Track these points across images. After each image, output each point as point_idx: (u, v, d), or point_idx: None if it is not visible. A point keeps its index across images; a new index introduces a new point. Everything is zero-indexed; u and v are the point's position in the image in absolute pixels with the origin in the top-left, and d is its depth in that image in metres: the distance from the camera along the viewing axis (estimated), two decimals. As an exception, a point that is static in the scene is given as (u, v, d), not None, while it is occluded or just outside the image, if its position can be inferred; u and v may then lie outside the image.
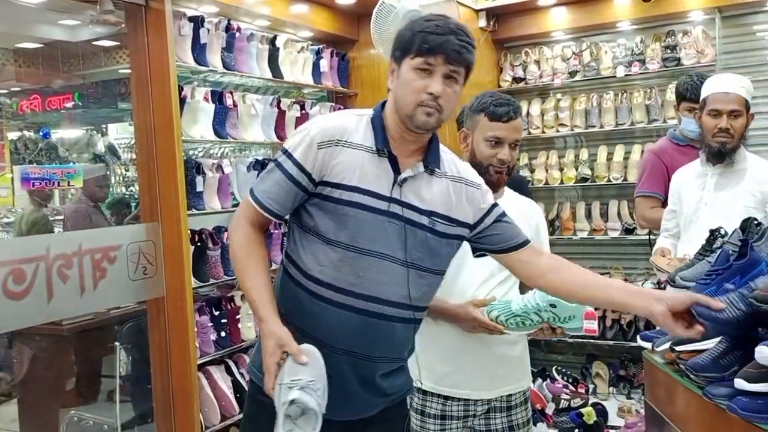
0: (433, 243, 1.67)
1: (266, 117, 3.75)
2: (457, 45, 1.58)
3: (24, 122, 8.83)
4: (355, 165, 1.62)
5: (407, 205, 1.64)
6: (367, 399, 1.72)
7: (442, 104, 1.59)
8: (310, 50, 4.11)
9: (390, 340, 1.69)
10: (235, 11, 3.58)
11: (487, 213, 1.75)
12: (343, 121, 1.67)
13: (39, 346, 3.59)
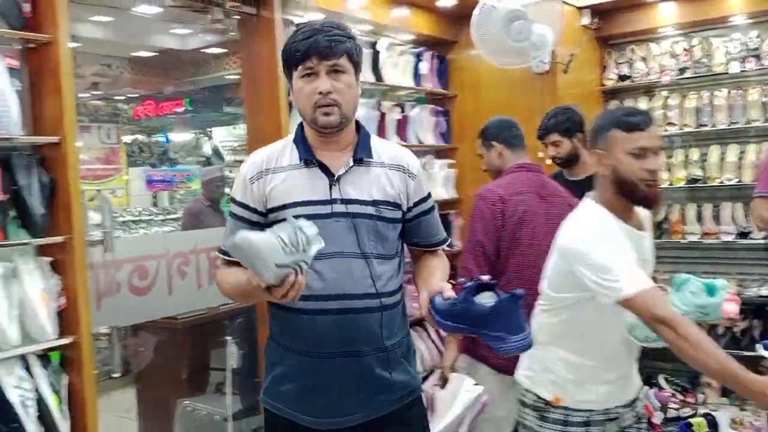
0: (381, 229, 1.74)
1: (367, 120, 3.81)
2: (326, 41, 1.64)
3: (137, 126, 9.40)
4: (288, 184, 1.73)
5: (350, 201, 1.71)
6: (374, 398, 1.76)
7: (336, 98, 1.67)
8: (411, 53, 4.15)
9: (368, 332, 1.73)
10: (338, 17, 3.66)
11: (419, 202, 1.83)
12: (267, 152, 1.80)
13: (156, 338, 3.80)
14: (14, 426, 2.16)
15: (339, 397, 1.74)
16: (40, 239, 2.26)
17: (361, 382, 1.75)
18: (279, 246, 1.43)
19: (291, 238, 1.45)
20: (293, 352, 1.77)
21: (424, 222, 1.85)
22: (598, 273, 1.80)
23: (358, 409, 1.76)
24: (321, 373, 1.74)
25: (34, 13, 2.29)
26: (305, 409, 1.77)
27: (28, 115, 2.34)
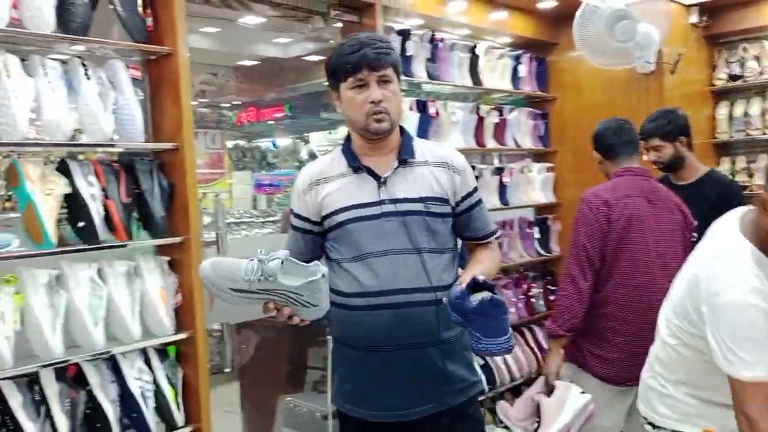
0: (432, 224, 1.83)
1: (465, 124, 3.82)
2: (374, 53, 1.76)
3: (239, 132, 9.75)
4: (339, 191, 1.86)
5: (398, 200, 1.81)
6: (435, 390, 1.84)
7: (386, 107, 1.79)
8: (509, 56, 4.12)
9: (425, 325, 1.81)
10: (437, 22, 3.69)
11: (466, 197, 1.91)
12: (318, 164, 1.95)
13: (259, 336, 3.94)
14: (135, 416, 2.30)
15: (402, 389, 1.83)
16: (160, 240, 2.40)
17: (422, 374, 1.82)
18: (240, 273, 1.58)
19: (249, 267, 1.57)
20: (355, 348, 1.87)
21: (473, 215, 1.92)
22: (727, 341, 1.63)
23: (422, 402, 1.83)
24: (383, 367, 1.83)
25: (155, 26, 2.44)
26: (371, 404, 1.86)
27: (148, 122, 2.49)
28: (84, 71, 2.22)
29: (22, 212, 2.11)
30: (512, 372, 3.92)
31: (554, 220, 4.35)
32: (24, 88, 2.07)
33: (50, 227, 2.09)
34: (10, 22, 2.06)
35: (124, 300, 2.28)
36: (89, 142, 2.25)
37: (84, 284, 2.19)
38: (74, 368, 2.22)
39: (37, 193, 2.09)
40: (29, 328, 2.08)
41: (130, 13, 2.33)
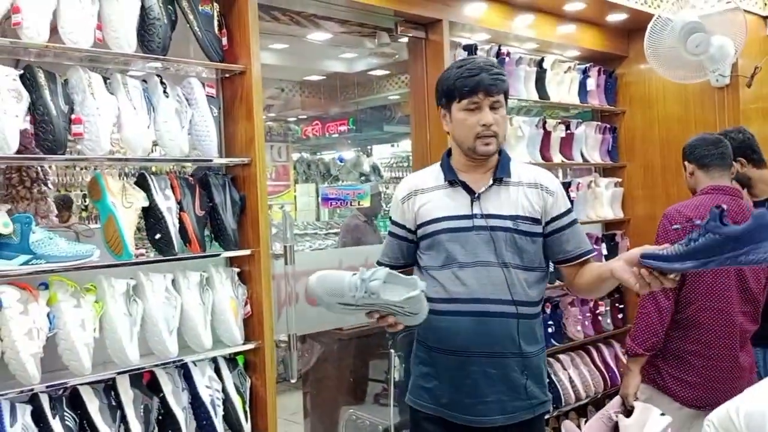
0: (519, 242, 1.89)
1: (531, 138, 3.79)
2: (491, 79, 1.86)
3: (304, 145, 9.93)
4: (435, 202, 1.96)
5: (490, 216, 1.90)
6: (511, 401, 1.90)
7: (496, 130, 1.89)
8: (577, 69, 4.07)
9: (505, 336, 1.89)
10: (504, 37, 3.69)
11: (557, 218, 1.95)
12: (418, 176, 2.08)
13: (323, 347, 3.99)
14: (204, 423, 2.37)
15: (480, 396, 1.91)
16: (231, 252, 2.47)
17: (499, 384, 1.90)
18: (345, 289, 1.70)
19: (352, 284, 1.69)
20: (438, 351, 1.97)
21: (565, 235, 1.96)
22: None
23: (497, 411, 1.91)
24: (463, 371, 1.92)
25: (230, 45, 2.52)
26: (451, 405, 1.94)
27: (221, 138, 2.58)
28: (162, 89, 2.32)
29: (103, 224, 2.21)
30: (578, 391, 3.84)
31: (623, 237, 4.25)
32: (107, 106, 2.17)
33: (129, 239, 2.17)
34: (95, 43, 2.17)
35: (196, 310, 2.35)
36: (167, 157, 2.34)
37: (159, 294, 2.27)
38: (148, 375, 2.30)
39: (118, 206, 2.19)
40: (107, 335, 2.17)
41: (206, 33, 2.41)
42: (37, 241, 2.03)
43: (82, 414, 2.13)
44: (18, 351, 1.95)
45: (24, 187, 3.61)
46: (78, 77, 2.15)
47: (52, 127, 2.05)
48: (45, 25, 2.05)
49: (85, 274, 2.17)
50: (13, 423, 2.00)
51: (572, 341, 3.91)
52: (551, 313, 3.81)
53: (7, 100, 1.98)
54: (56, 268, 2.05)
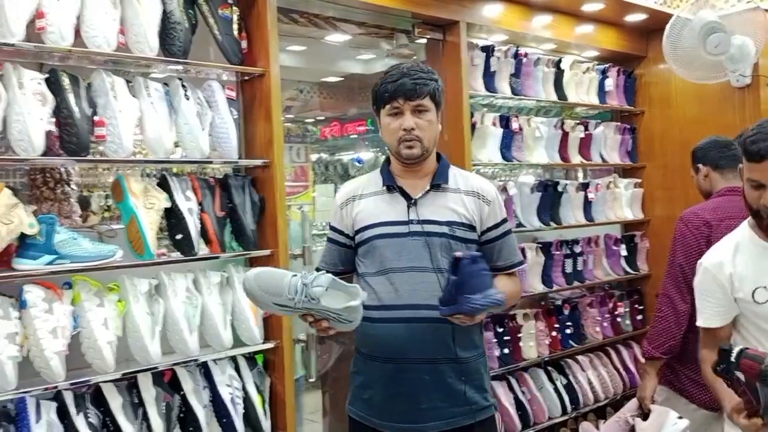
0: (455, 247, 1.87)
1: (550, 139, 3.78)
2: (411, 84, 1.86)
3: (322, 146, 9.96)
4: (372, 207, 1.95)
5: (425, 221, 1.90)
6: (447, 408, 1.88)
7: (418, 135, 1.88)
8: (596, 70, 4.06)
9: (439, 341, 1.87)
10: (522, 37, 3.69)
11: (491, 228, 1.95)
12: (357, 182, 2.06)
13: (339, 347, 4.00)
14: (225, 421, 2.40)
15: (415, 403, 1.89)
16: (251, 252, 2.50)
17: (435, 390, 1.88)
18: (283, 290, 1.68)
19: (293, 286, 1.68)
20: (373, 359, 1.95)
21: (498, 245, 1.97)
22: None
23: (433, 418, 1.88)
24: (398, 379, 1.90)
25: (249, 48, 2.55)
26: (385, 415, 1.92)
27: (241, 139, 2.61)
28: (184, 92, 2.35)
29: (125, 225, 2.25)
30: (596, 393, 3.83)
31: (642, 238, 4.23)
32: (129, 108, 2.21)
33: (151, 239, 2.21)
34: (118, 47, 2.21)
35: (216, 309, 2.38)
36: (188, 159, 2.38)
37: (180, 293, 2.31)
38: (170, 373, 2.34)
39: (140, 207, 2.22)
40: (130, 334, 2.21)
41: (226, 37, 2.45)
42: (61, 241, 2.07)
43: (105, 411, 2.17)
44: (43, 349, 1.99)
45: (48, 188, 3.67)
46: (101, 80, 2.19)
47: (76, 129, 2.09)
48: (69, 30, 2.10)
49: (108, 274, 2.21)
50: (38, 420, 2.05)
51: (591, 342, 3.90)
52: (570, 314, 3.80)
53: (33, 103, 2.02)
54: (80, 267, 2.10)
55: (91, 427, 2.11)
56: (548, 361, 3.72)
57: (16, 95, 2.01)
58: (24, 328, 2.01)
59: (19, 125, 2.00)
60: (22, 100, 2.01)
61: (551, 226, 3.69)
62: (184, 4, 2.36)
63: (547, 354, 3.64)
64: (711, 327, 1.95)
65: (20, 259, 2.05)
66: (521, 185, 3.64)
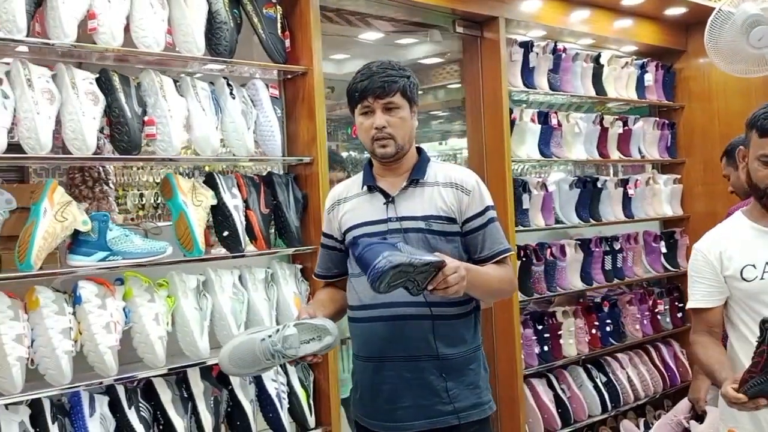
0: (432, 241, 1.84)
1: (589, 135, 3.76)
2: (379, 82, 1.82)
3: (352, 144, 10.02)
4: (354, 209, 1.94)
5: (403, 218, 1.86)
6: (430, 406, 1.83)
7: (391, 132, 1.83)
8: (635, 65, 4.02)
9: (419, 339, 1.83)
10: (560, 33, 3.67)
11: (472, 218, 1.88)
12: (341, 186, 2.04)
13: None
14: (271, 416, 2.43)
15: (397, 401, 1.85)
16: (295, 249, 2.52)
17: (417, 388, 1.84)
18: (259, 358, 1.70)
19: (266, 350, 1.69)
20: (360, 359, 1.94)
21: (482, 234, 1.90)
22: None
23: (417, 416, 1.84)
24: (380, 377, 1.87)
25: (292, 47, 2.58)
26: (373, 414, 1.90)
27: (284, 137, 2.63)
28: (229, 91, 2.38)
29: (174, 221, 2.28)
30: (636, 391, 3.80)
31: (682, 234, 4.18)
32: (178, 108, 2.25)
33: (200, 236, 2.24)
34: (166, 47, 2.25)
35: (262, 305, 2.41)
36: (234, 157, 2.41)
37: (227, 289, 2.34)
38: (217, 368, 2.36)
39: (189, 205, 2.26)
40: (179, 329, 2.24)
41: (270, 36, 2.47)
42: (114, 238, 2.11)
43: (155, 405, 2.21)
44: (97, 344, 2.04)
45: (86, 186, 3.74)
46: (150, 80, 2.23)
47: (128, 129, 2.13)
48: (119, 30, 2.14)
49: (158, 270, 2.25)
50: (92, 413, 2.09)
51: (630, 340, 3.86)
52: (609, 311, 3.77)
53: (85, 103, 2.07)
54: (132, 264, 2.14)
55: (143, 421, 2.15)
56: (588, 358, 3.69)
57: (69, 95, 2.05)
58: (78, 324, 2.05)
59: (72, 124, 2.04)
60: (75, 100, 2.05)
61: (590, 223, 3.66)
62: (229, 4, 2.39)
63: (586, 351, 3.61)
64: (701, 308, 1.95)
65: (74, 255, 2.09)
66: (560, 182, 3.62)
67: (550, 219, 3.53)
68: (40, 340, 1.97)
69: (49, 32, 2.05)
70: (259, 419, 2.42)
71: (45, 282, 2.05)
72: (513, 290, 2.04)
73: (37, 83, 2.00)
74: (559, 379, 3.54)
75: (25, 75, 1.99)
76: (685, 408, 2.50)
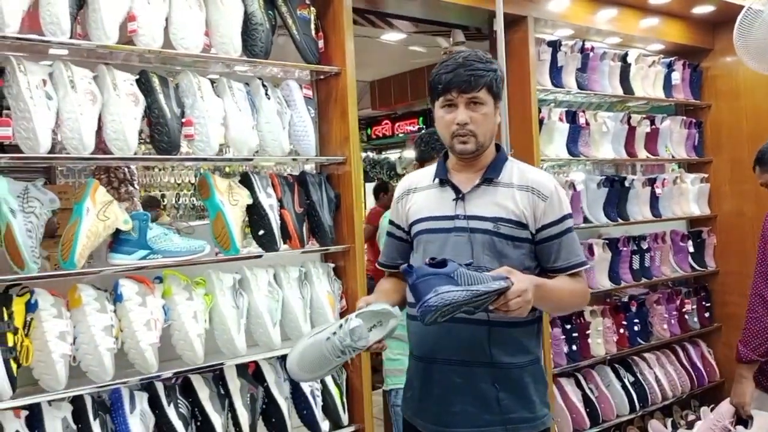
0: (499, 245, 1.75)
1: (616, 134, 3.75)
2: (465, 75, 1.73)
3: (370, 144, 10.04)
4: (423, 201, 1.88)
5: (471, 217, 1.78)
6: (479, 414, 1.75)
7: (472, 129, 1.75)
8: (662, 63, 4.00)
9: (472, 343, 1.74)
10: (587, 32, 3.65)
11: (547, 226, 1.77)
12: (414, 175, 1.98)
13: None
14: (305, 413, 2.45)
15: (446, 404, 1.78)
16: (329, 248, 2.54)
17: (466, 394, 1.76)
18: (329, 357, 1.65)
19: (335, 348, 1.63)
20: (414, 357, 1.89)
21: (557, 245, 1.78)
22: None
23: (464, 423, 1.76)
24: (430, 379, 1.81)
25: (326, 48, 2.60)
26: (421, 414, 1.84)
27: (317, 137, 2.65)
28: (264, 91, 2.41)
29: (211, 220, 2.31)
30: (664, 391, 3.78)
31: (710, 234, 4.16)
32: (215, 108, 2.27)
33: (237, 234, 2.27)
34: (203, 48, 2.28)
35: (296, 303, 2.43)
36: (270, 157, 2.43)
37: (263, 288, 2.36)
38: (253, 366, 2.39)
39: (226, 204, 2.28)
40: (216, 327, 2.27)
41: (304, 37, 2.49)
42: (154, 236, 2.14)
43: (193, 402, 2.24)
44: (138, 341, 2.07)
45: (112, 187, 3.78)
46: (188, 81, 2.26)
47: (167, 129, 2.16)
48: (159, 32, 2.17)
49: (195, 269, 2.28)
50: (132, 410, 2.12)
51: (658, 340, 3.85)
52: (637, 311, 3.76)
53: (126, 104, 2.10)
54: (170, 263, 2.17)
55: (181, 417, 2.18)
56: (615, 358, 3.68)
57: (110, 96, 2.09)
58: (119, 321, 2.08)
59: (114, 125, 2.07)
60: (116, 100, 2.08)
61: (618, 222, 3.65)
62: (264, 6, 2.41)
63: (614, 351, 3.61)
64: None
65: (115, 254, 2.13)
66: (588, 181, 3.61)
67: (578, 218, 3.51)
68: (83, 338, 2.01)
69: (91, 34, 2.08)
70: (293, 416, 2.45)
71: (87, 280, 2.09)
72: (584, 304, 1.92)
73: (80, 84, 2.04)
74: (587, 378, 3.53)
75: (68, 76, 2.02)
76: (728, 412, 2.46)
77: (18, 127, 1.93)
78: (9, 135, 1.92)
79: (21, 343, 1.90)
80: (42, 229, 1.99)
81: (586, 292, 1.87)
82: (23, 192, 1.95)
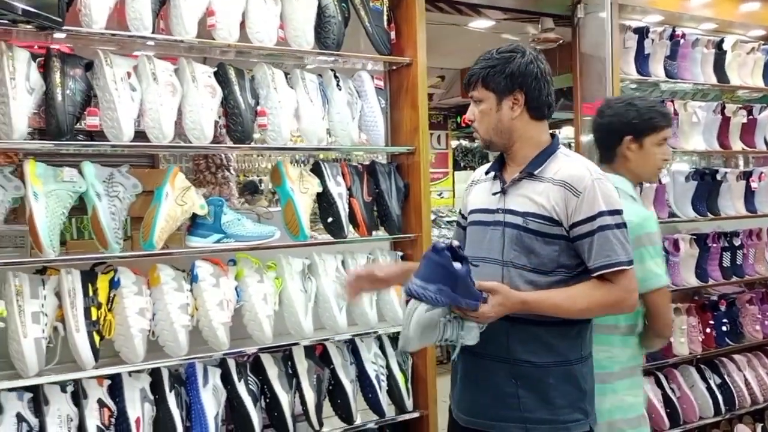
0: (527, 241, 1.73)
1: (708, 124, 3.57)
2: (468, 75, 1.80)
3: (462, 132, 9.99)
4: (478, 193, 1.92)
5: (507, 211, 1.78)
6: (497, 408, 1.75)
7: (475, 126, 1.83)
8: (762, 50, 3.77)
9: (491, 337, 1.69)
10: (679, 18, 3.50)
11: (579, 223, 1.71)
12: (482, 168, 1.98)
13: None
14: (370, 396, 2.51)
15: (464, 394, 1.83)
16: (396, 236, 2.59)
17: (483, 386, 1.78)
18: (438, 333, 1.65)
19: (447, 331, 1.64)
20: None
21: (588, 243, 1.70)
22: None
23: (483, 413, 1.78)
24: (457, 367, 1.86)
25: (397, 39, 2.63)
26: (453, 400, 1.89)
27: (387, 127, 2.69)
28: (336, 83, 2.47)
29: (282, 207, 2.41)
30: (754, 394, 3.59)
31: (810, 233, 3.89)
32: (288, 99, 2.36)
33: (306, 221, 2.36)
34: (278, 41, 2.36)
35: (363, 289, 2.49)
36: (340, 146, 2.50)
37: (331, 273, 2.44)
38: (320, 348, 2.48)
39: (296, 191, 2.37)
40: (285, 309, 2.37)
41: (376, 28, 2.54)
42: (228, 221, 2.26)
43: (263, 380, 2.35)
44: (211, 320, 2.19)
45: (210, 172, 3.98)
46: (263, 73, 2.36)
47: (242, 119, 2.26)
48: (236, 26, 2.27)
49: (267, 253, 2.38)
50: (205, 384, 2.25)
51: (749, 341, 3.66)
52: (726, 310, 3.58)
53: (204, 96, 2.21)
54: (243, 246, 2.28)
55: (251, 394, 2.29)
56: (701, 358, 3.53)
57: (190, 88, 2.21)
58: (195, 300, 2.21)
59: (192, 115, 2.19)
60: (195, 92, 2.20)
61: (708, 217, 3.49)
62: (337, -2, 2.47)
63: (699, 351, 3.45)
64: None
65: (192, 237, 2.26)
66: (675, 174, 3.46)
67: (663, 212, 3.38)
68: (160, 314, 2.15)
69: (172, 29, 2.21)
70: (359, 399, 2.52)
71: (166, 261, 2.23)
72: (619, 312, 1.86)
73: (161, 77, 2.17)
74: (668, 378, 3.40)
75: (151, 69, 2.15)
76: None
77: (104, 117, 2.08)
78: (96, 124, 2.07)
79: (104, 317, 2.06)
80: (125, 212, 2.14)
81: (617, 300, 1.73)
82: (108, 177, 2.11)
